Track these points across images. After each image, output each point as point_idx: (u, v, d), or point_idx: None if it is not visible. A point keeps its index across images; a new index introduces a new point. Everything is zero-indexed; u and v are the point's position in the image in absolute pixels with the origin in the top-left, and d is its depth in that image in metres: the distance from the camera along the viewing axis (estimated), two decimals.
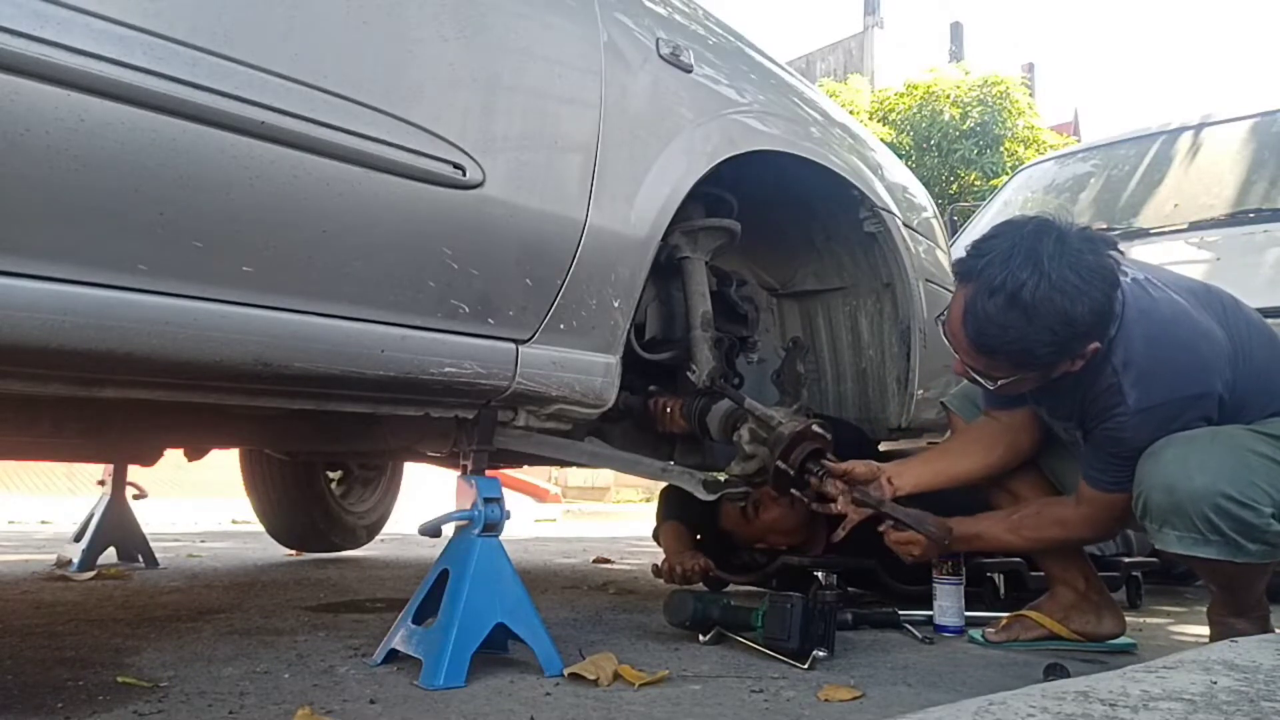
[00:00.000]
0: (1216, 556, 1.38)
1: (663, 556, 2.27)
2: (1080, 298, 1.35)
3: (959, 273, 1.48)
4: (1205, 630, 1.61)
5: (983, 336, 1.42)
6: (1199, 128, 3.56)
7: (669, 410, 1.84)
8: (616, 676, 1.31)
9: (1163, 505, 1.41)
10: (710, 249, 1.88)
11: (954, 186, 13.41)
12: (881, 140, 2.43)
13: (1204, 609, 1.61)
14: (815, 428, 1.68)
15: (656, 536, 2.41)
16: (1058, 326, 1.36)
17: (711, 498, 1.73)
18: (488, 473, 1.42)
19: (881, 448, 2.39)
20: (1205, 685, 0.80)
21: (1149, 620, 2.22)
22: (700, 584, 2.22)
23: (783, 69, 2.05)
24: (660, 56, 1.59)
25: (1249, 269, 2.71)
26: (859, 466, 1.67)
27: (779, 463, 1.65)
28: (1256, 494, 1.37)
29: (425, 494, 3.43)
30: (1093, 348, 1.41)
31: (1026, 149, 13.13)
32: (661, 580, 2.22)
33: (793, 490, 1.68)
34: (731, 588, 2.29)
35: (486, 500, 1.33)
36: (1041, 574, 1.88)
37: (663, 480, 1.89)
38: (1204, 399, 1.45)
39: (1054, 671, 1.38)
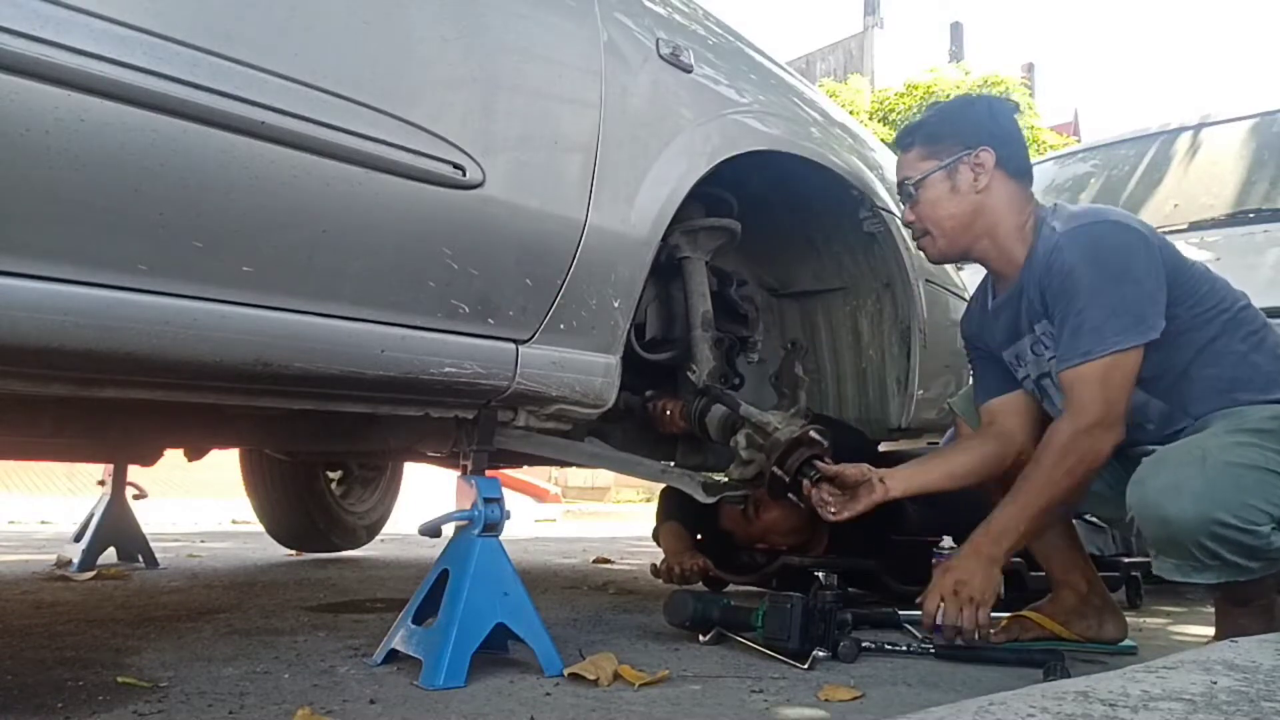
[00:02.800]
0: (1217, 580, 1.37)
1: (662, 556, 2.28)
2: (981, 103, 1.71)
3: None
4: (1205, 630, 1.61)
5: (922, 116, 1.76)
6: (1198, 128, 3.56)
7: (669, 412, 1.84)
8: (616, 676, 1.31)
9: (1159, 537, 1.39)
10: (710, 249, 1.88)
11: None
12: (881, 140, 2.43)
13: (1204, 609, 1.61)
14: (812, 433, 1.67)
15: (656, 537, 2.41)
16: (964, 111, 1.71)
17: (711, 500, 1.73)
18: (488, 473, 1.42)
19: (881, 448, 2.40)
20: (1205, 685, 0.80)
21: (1149, 620, 2.21)
22: (700, 584, 2.22)
23: (783, 69, 2.06)
24: (660, 56, 1.59)
25: (1249, 269, 2.71)
26: (849, 469, 1.66)
27: (775, 469, 1.65)
28: (1254, 515, 1.33)
29: (425, 494, 3.43)
30: (985, 151, 1.61)
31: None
32: (660, 580, 2.22)
33: (789, 495, 1.68)
34: (731, 588, 2.30)
35: (486, 500, 1.33)
36: (1042, 573, 1.88)
37: (662, 482, 1.89)
38: (1145, 246, 1.49)
39: (1054, 671, 1.38)
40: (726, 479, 1.74)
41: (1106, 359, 1.45)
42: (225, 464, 3.13)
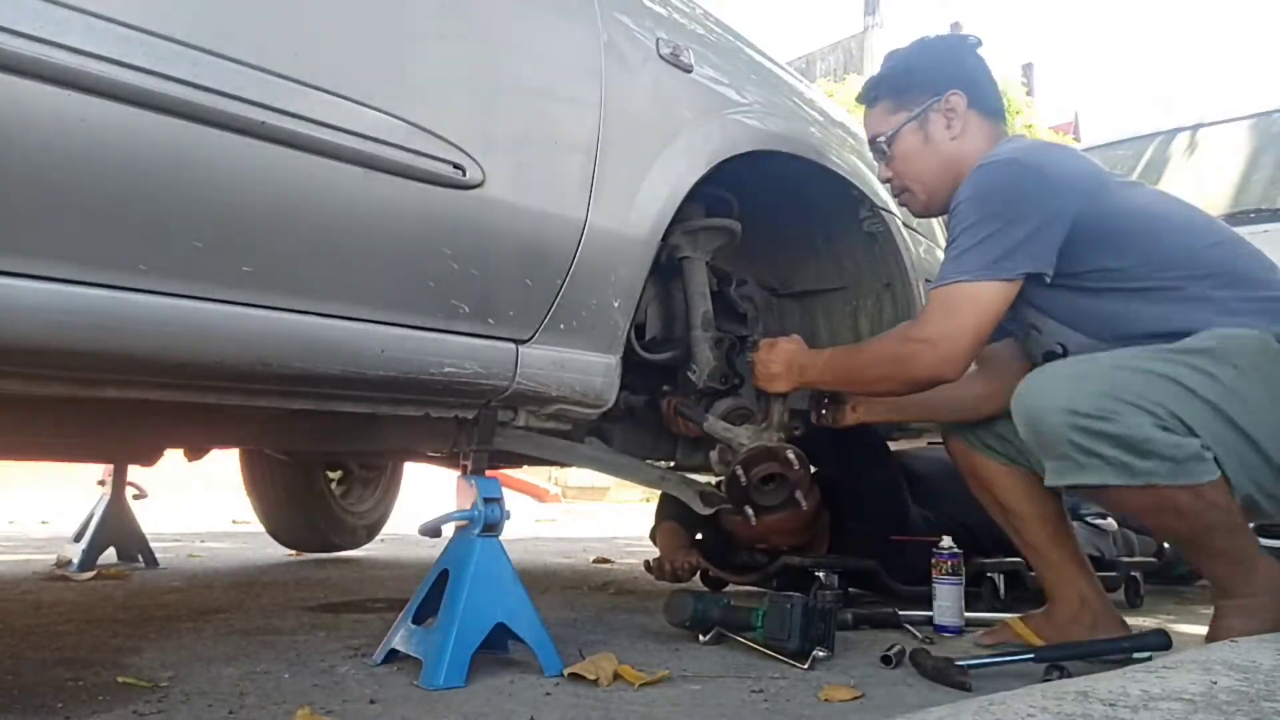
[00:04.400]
0: (1102, 482, 1.30)
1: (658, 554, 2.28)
2: (942, 44, 1.69)
3: None
4: (1204, 630, 1.60)
5: (882, 68, 1.71)
6: (1197, 128, 3.57)
7: (680, 413, 1.85)
8: (616, 676, 1.31)
9: (1030, 438, 1.36)
10: (710, 249, 1.88)
11: None
12: None
13: (1203, 609, 1.60)
14: (771, 446, 1.67)
15: (653, 536, 2.41)
16: (926, 56, 1.67)
17: (708, 511, 1.74)
18: (488, 473, 1.42)
19: None
20: (1205, 685, 0.80)
21: (1148, 621, 2.21)
22: (694, 581, 2.23)
23: (783, 69, 2.06)
24: (660, 56, 1.59)
25: None
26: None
27: (734, 479, 1.67)
28: (1116, 406, 1.27)
29: (425, 494, 3.43)
30: (954, 94, 1.59)
31: None
32: (653, 576, 2.23)
33: (746, 509, 1.72)
34: (732, 588, 2.30)
35: (486, 500, 1.33)
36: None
37: (660, 489, 1.89)
38: (1038, 187, 1.42)
39: (1054, 671, 1.38)
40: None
41: (954, 286, 1.43)
42: (225, 464, 3.13)
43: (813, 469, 1.81)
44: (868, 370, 1.59)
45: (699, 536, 2.34)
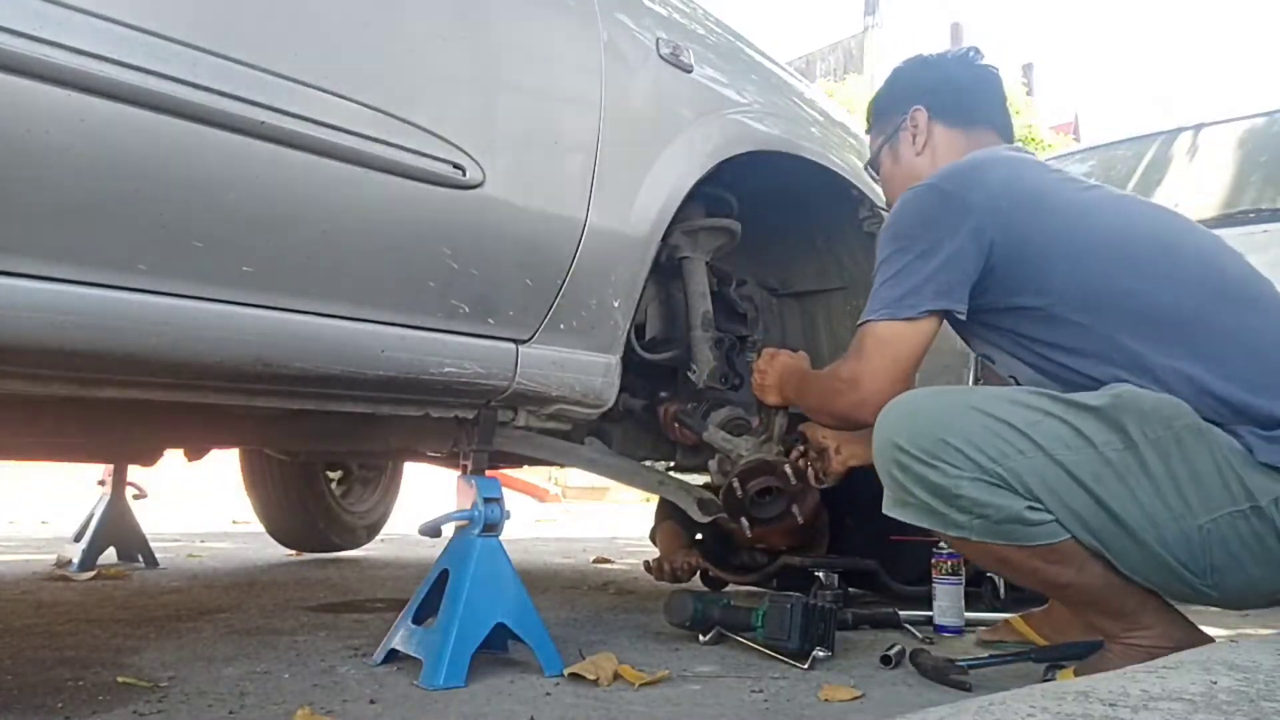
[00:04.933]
0: (918, 523, 1.22)
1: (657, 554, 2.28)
2: (913, 61, 1.65)
3: None
4: (1207, 629, 1.60)
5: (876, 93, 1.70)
6: (1198, 128, 3.57)
7: (676, 423, 1.84)
8: (616, 676, 1.31)
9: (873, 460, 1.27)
10: (710, 249, 1.88)
11: None
12: None
13: (1201, 608, 1.59)
14: (768, 460, 1.67)
15: (653, 536, 2.41)
16: (894, 78, 1.65)
17: (706, 519, 1.74)
18: (488, 473, 1.42)
19: None
20: (1205, 685, 0.80)
21: None
22: (694, 581, 2.22)
23: (783, 69, 2.06)
24: (660, 56, 1.59)
25: None
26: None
27: (730, 492, 1.67)
28: (940, 450, 1.16)
29: (425, 494, 3.43)
30: (917, 110, 1.56)
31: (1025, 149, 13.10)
32: (652, 576, 2.23)
33: (742, 520, 1.70)
34: (732, 588, 2.30)
35: (486, 500, 1.33)
36: None
37: (659, 494, 1.89)
38: (947, 217, 1.29)
39: (1054, 671, 1.38)
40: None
41: (867, 326, 1.36)
42: (225, 464, 3.13)
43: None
44: (811, 401, 1.54)
45: (699, 537, 2.33)
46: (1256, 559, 1.15)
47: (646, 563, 2.26)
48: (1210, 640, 1.23)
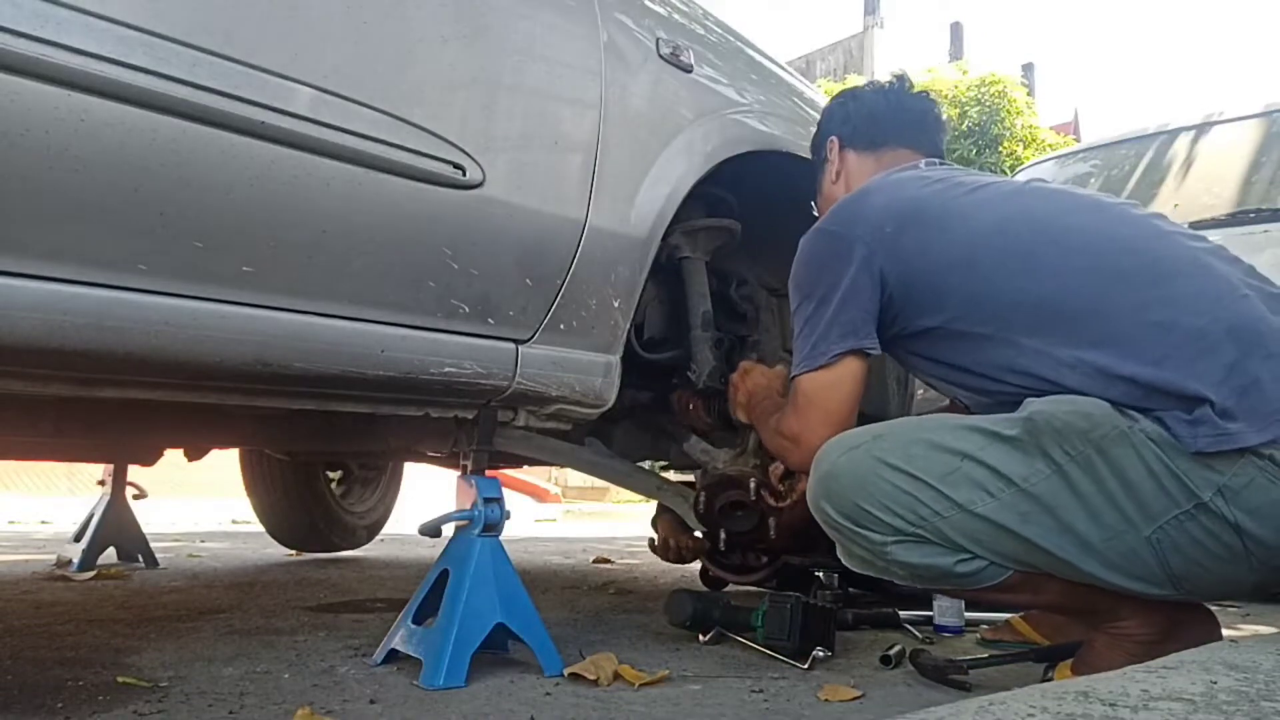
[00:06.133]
0: (870, 573, 1.22)
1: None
2: (840, 94, 1.65)
3: None
4: None
5: None
6: (1199, 128, 3.56)
7: (691, 407, 1.85)
8: (616, 676, 1.31)
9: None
10: (710, 249, 1.88)
11: None
12: None
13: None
14: (731, 474, 1.67)
15: (655, 525, 2.41)
16: (821, 118, 1.66)
17: (701, 528, 1.74)
18: (488, 473, 1.43)
19: None
20: (1205, 685, 0.80)
21: None
22: (694, 581, 2.22)
23: (782, 69, 2.06)
24: (660, 56, 1.59)
25: None
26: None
27: (699, 504, 1.69)
28: (860, 516, 1.14)
29: (425, 494, 3.43)
30: (831, 140, 1.59)
31: (1026, 149, 13.10)
32: (657, 557, 2.22)
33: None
34: (732, 588, 2.29)
35: (486, 500, 1.33)
36: None
37: (657, 499, 1.90)
38: (835, 257, 1.28)
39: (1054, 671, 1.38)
40: None
41: (795, 381, 1.32)
42: (225, 464, 3.13)
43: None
44: (766, 442, 1.50)
45: (698, 534, 2.33)
46: (1217, 558, 1.08)
47: (651, 541, 2.26)
48: (1201, 608, 1.23)
